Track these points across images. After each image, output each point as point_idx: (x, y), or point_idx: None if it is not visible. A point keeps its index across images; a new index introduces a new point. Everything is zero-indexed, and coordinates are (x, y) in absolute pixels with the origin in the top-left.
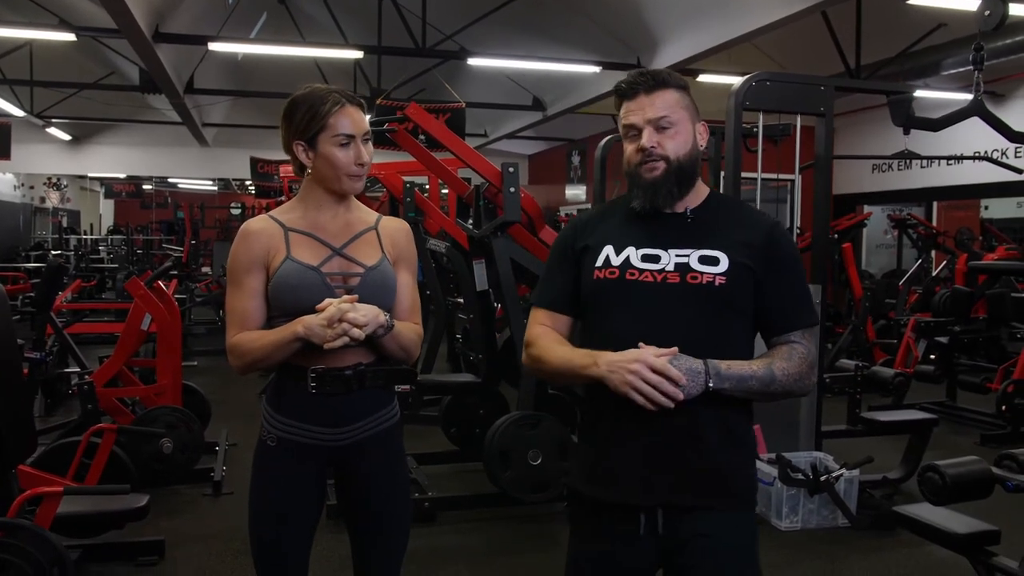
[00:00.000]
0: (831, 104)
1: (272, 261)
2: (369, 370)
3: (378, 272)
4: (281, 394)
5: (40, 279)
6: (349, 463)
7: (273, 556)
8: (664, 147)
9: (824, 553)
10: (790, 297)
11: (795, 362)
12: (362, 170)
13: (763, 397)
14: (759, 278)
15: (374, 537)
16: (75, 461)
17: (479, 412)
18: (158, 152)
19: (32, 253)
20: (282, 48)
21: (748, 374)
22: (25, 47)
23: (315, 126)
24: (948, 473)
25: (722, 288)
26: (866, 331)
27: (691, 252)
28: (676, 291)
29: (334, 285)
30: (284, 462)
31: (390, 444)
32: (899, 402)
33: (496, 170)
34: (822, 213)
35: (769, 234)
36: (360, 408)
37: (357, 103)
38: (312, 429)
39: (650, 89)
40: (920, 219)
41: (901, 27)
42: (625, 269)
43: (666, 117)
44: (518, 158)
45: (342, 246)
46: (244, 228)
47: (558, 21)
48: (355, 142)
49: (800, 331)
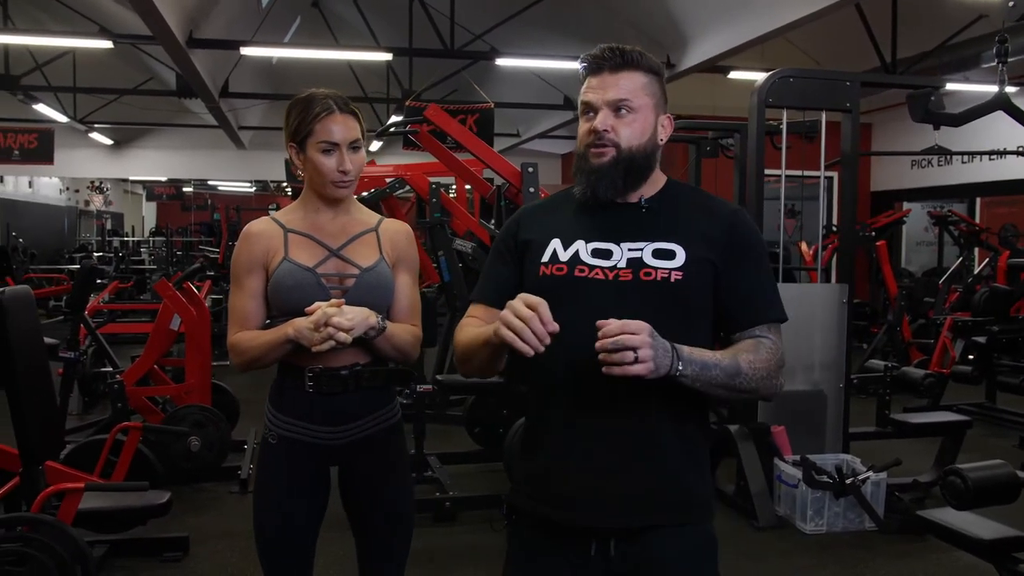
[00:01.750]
0: (857, 100)
1: (271, 262)
2: (366, 370)
3: (373, 273)
4: (282, 393)
5: (74, 282)
6: (350, 463)
7: (276, 552)
8: (618, 132)
9: (849, 557)
10: (754, 290)
11: (763, 356)
12: (345, 177)
13: (726, 391)
14: (719, 271)
15: (376, 537)
16: (101, 458)
17: (502, 412)
18: (196, 155)
19: (76, 255)
20: (312, 51)
21: (712, 362)
22: (68, 55)
23: (303, 130)
24: (971, 477)
25: (678, 284)
26: (902, 330)
27: (645, 246)
28: (629, 289)
29: (329, 286)
30: (285, 459)
31: (391, 444)
32: (935, 403)
33: (516, 170)
34: (849, 211)
35: (730, 223)
36: (358, 408)
37: (349, 111)
38: (311, 427)
39: (616, 68)
40: (961, 215)
41: (939, 19)
42: (574, 265)
43: (626, 101)
44: (551, 158)
45: (339, 247)
46: (246, 230)
47: (587, 19)
48: (339, 150)
49: (766, 325)
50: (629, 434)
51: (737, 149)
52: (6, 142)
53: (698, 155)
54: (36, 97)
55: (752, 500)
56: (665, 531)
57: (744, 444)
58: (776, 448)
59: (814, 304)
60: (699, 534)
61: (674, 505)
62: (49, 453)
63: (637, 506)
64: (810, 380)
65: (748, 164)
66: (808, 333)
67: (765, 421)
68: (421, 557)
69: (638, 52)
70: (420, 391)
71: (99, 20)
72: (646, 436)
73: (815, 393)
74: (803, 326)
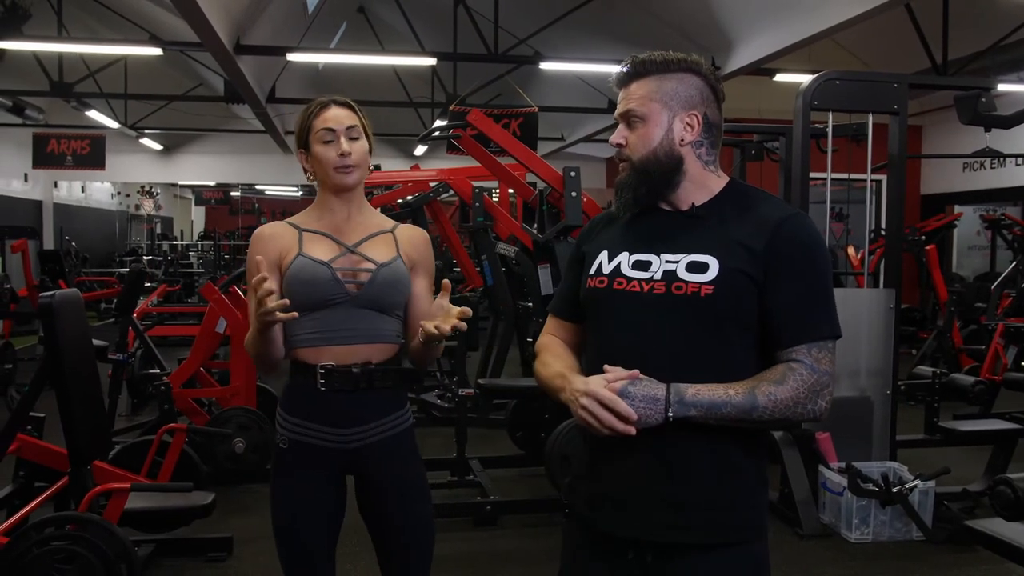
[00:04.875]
0: (905, 102)
1: (284, 260)
2: (378, 369)
3: (390, 269)
4: (291, 395)
5: (123, 285)
6: (363, 471)
7: (294, 562)
8: (630, 145)
9: (895, 567)
10: (796, 305)
11: (788, 387)
12: (345, 161)
13: (747, 425)
14: (760, 283)
15: (395, 547)
16: (148, 459)
17: (544, 416)
18: (244, 160)
19: (126, 259)
20: (358, 57)
21: (722, 400)
22: (119, 62)
23: (304, 131)
24: (1021, 487)
25: (709, 299)
26: (952, 336)
27: (681, 258)
28: (661, 303)
29: (344, 280)
30: (296, 465)
31: (403, 451)
32: (987, 411)
33: (558, 175)
34: (896, 215)
35: (774, 232)
36: (369, 410)
37: (343, 103)
38: (320, 429)
39: (628, 80)
40: (1015, 219)
41: (991, 19)
42: (614, 278)
43: (632, 111)
44: (595, 161)
45: (355, 244)
46: (257, 232)
47: (630, 23)
48: (337, 138)
49: (807, 346)
50: (658, 451)
51: (782, 152)
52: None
53: (743, 159)
54: (88, 104)
55: (796, 508)
56: (704, 551)
57: (788, 451)
58: (821, 455)
59: (861, 309)
60: (743, 557)
61: (708, 524)
62: (97, 453)
63: (667, 523)
64: (856, 386)
65: (793, 168)
66: (855, 339)
67: (810, 428)
68: (462, 561)
69: (649, 58)
70: (462, 395)
71: (150, 28)
72: (676, 454)
73: (862, 399)
74: (849, 331)
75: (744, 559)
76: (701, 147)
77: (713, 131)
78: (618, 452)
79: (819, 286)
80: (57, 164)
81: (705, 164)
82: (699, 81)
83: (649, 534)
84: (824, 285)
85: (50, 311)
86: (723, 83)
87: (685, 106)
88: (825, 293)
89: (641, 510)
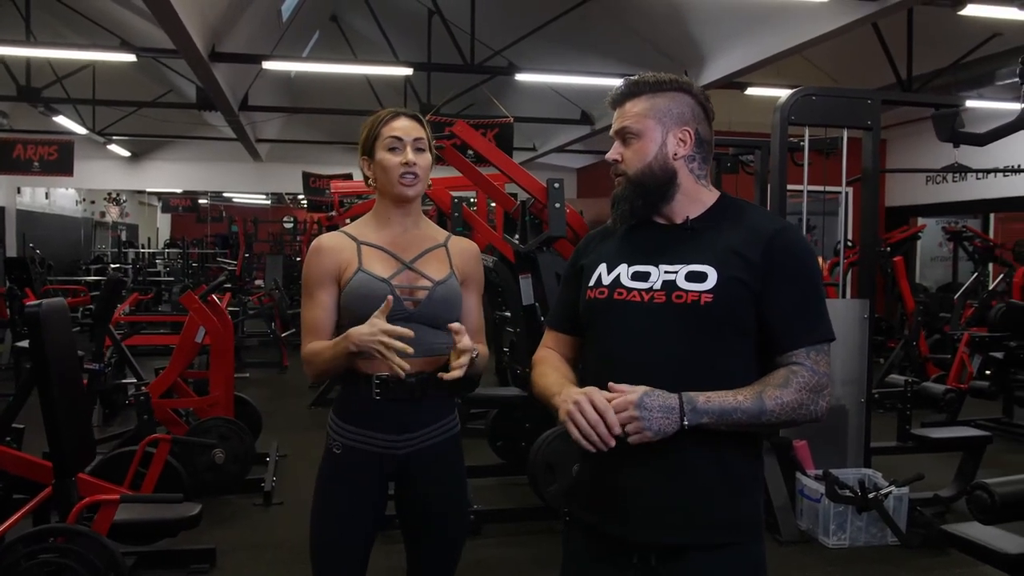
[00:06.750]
0: (878, 117)
1: (344, 273)
2: (432, 379)
3: (445, 287)
4: (347, 403)
5: (100, 293)
6: (409, 474)
7: (330, 561)
8: (626, 160)
9: (872, 571)
10: (793, 310)
11: (792, 389)
12: (409, 169)
13: (756, 429)
14: (757, 291)
15: (431, 549)
16: (131, 470)
17: (525, 426)
18: (213, 167)
19: (92, 267)
20: (336, 66)
21: (732, 407)
22: (88, 68)
23: (372, 136)
24: (997, 492)
25: (708, 307)
26: (919, 346)
27: (680, 268)
28: (662, 311)
29: (402, 297)
30: (349, 469)
31: (450, 456)
32: (953, 418)
33: (541, 186)
34: (870, 226)
35: (768, 242)
36: (423, 417)
37: (410, 115)
38: (377, 436)
39: (622, 100)
40: (976, 231)
41: (954, 37)
42: (614, 288)
43: (626, 128)
44: (566, 172)
45: (412, 260)
46: (317, 243)
47: (605, 36)
48: (404, 147)
49: (805, 349)
50: (661, 455)
51: (757, 165)
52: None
53: (718, 171)
54: (56, 109)
55: (775, 514)
56: (707, 551)
57: (766, 458)
58: (798, 462)
59: (836, 319)
60: (743, 556)
61: (709, 526)
62: (82, 465)
63: (669, 524)
64: (832, 395)
65: (771, 180)
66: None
67: (787, 435)
68: None
69: (642, 79)
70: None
71: (119, 33)
72: (678, 457)
73: (837, 408)
74: None
75: (745, 558)
76: (693, 161)
77: (704, 147)
78: (623, 458)
79: (813, 292)
80: (23, 170)
81: (697, 178)
82: (690, 100)
83: (658, 537)
84: (817, 291)
85: (37, 320)
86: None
87: (678, 122)
88: (818, 299)
89: (649, 514)
